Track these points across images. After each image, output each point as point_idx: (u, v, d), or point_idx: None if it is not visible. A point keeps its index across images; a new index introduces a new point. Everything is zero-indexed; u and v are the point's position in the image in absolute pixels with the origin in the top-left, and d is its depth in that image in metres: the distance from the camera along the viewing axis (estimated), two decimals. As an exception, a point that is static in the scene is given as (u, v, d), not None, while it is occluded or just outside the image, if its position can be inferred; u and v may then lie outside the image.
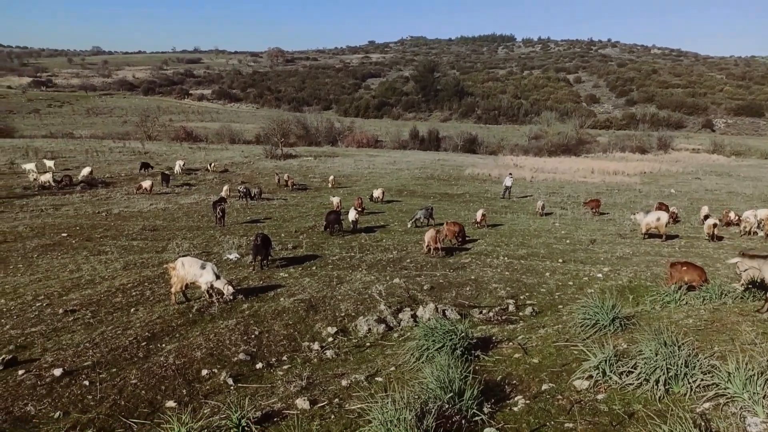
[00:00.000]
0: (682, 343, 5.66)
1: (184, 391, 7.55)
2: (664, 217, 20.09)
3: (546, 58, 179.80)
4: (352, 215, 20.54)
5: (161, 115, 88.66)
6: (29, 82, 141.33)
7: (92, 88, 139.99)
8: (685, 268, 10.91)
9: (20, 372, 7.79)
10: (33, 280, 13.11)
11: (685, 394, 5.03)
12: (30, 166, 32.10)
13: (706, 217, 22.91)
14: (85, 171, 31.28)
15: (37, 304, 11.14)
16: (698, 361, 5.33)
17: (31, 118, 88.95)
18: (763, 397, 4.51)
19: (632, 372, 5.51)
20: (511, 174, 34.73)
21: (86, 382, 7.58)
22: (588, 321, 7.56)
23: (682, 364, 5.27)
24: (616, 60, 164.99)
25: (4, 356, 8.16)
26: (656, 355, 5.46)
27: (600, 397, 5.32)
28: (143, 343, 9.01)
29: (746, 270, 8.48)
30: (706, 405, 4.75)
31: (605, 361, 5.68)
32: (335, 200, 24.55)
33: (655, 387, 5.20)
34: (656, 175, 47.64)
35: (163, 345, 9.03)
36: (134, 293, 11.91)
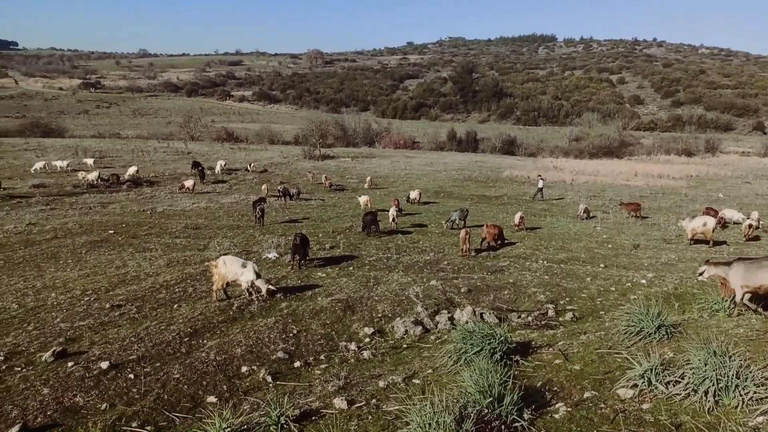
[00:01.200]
0: (733, 354, 5.45)
1: (225, 387, 7.69)
2: (710, 222, 19.39)
3: (588, 58, 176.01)
4: (392, 214, 21.06)
5: (204, 116, 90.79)
6: (79, 84, 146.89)
7: (138, 90, 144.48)
8: None
9: (70, 364, 8.08)
10: (81, 275, 13.61)
11: (737, 407, 4.83)
12: (39, 164, 33.68)
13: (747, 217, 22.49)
14: (132, 170, 32.32)
15: (86, 299, 11.57)
16: (750, 372, 5.11)
17: (80, 118, 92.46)
18: (822, 413, 4.30)
19: (679, 382, 5.34)
20: (540, 175, 34.71)
21: (131, 376, 7.81)
22: (632, 328, 7.35)
23: (733, 375, 5.07)
24: (662, 60, 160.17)
25: (54, 348, 8.49)
26: (705, 365, 5.27)
27: (645, 406, 5.17)
28: (185, 339, 9.23)
29: (710, 276, 8.84)
30: (760, 419, 4.55)
31: (651, 369, 5.51)
32: (362, 199, 25.01)
33: (704, 398, 5.02)
34: (703, 178, 46.06)
35: (205, 341, 9.23)
36: (177, 290, 12.22)
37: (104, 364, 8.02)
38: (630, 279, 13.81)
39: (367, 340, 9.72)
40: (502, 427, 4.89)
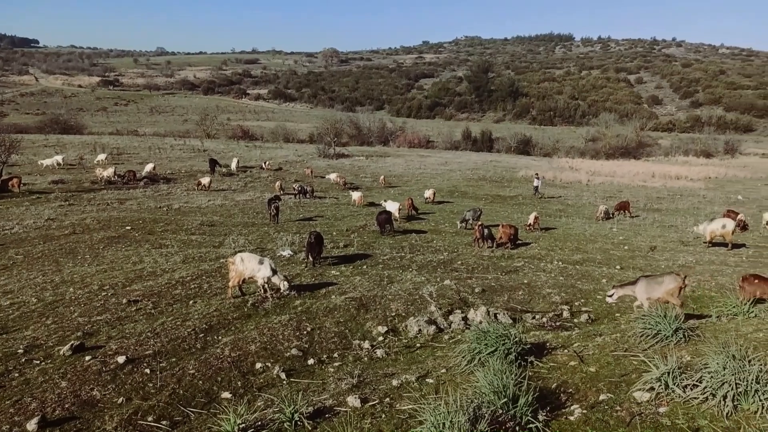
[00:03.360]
0: (753, 358, 5.37)
1: (239, 383, 7.75)
2: (729, 224, 19.15)
3: (606, 57, 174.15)
4: (392, 207, 21.97)
5: (220, 114, 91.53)
6: (98, 82, 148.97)
7: (156, 88, 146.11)
8: (757, 281, 10.44)
9: (87, 358, 8.20)
10: (99, 270, 13.78)
11: (756, 412, 4.76)
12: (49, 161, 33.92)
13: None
14: (149, 167, 32.61)
15: (103, 294, 11.71)
16: (771, 377, 5.03)
17: (99, 115, 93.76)
18: None
19: (697, 386, 5.26)
20: (537, 174, 35.56)
21: (147, 371, 7.90)
22: (648, 331, 7.28)
23: (752, 379, 4.99)
24: (681, 60, 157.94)
25: (72, 342, 8.61)
26: (724, 369, 5.19)
27: (662, 410, 5.11)
28: (201, 335, 9.32)
29: (620, 297, 9.90)
30: (780, 425, 4.48)
31: (668, 373, 5.45)
32: (355, 195, 26.19)
33: (723, 403, 4.94)
34: (722, 180, 45.40)
35: (220, 337, 9.30)
36: (192, 286, 12.33)
37: (121, 359, 8.12)
38: (646, 281, 13.64)
39: (381, 338, 9.73)
40: (517, 428, 4.87)
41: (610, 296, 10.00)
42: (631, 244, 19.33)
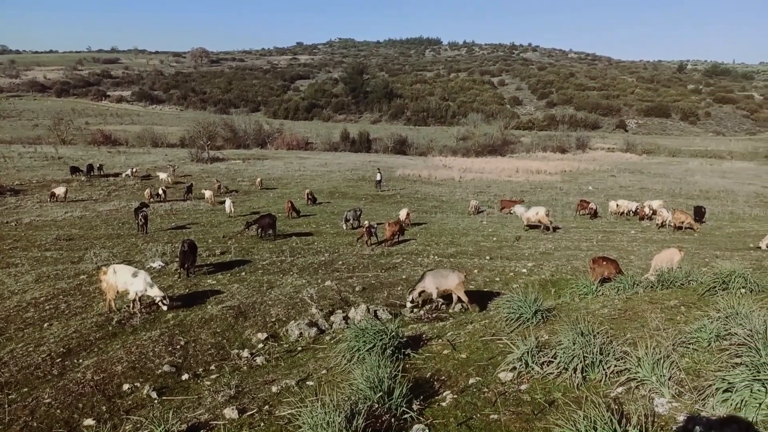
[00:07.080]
0: (598, 332, 5.95)
1: (104, 407, 7.17)
2: (542, 211, 21.91)
3: (471, 61, 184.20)
4: (228, 205, 23.42)
5: (76, 117, 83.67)
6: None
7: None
8: (605, 262, 11.75)
9: None
10: (-70, 297, 12.03)
11: (600, 381, 5.29)
12: None
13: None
14: (-9, 178, 29.09)
15: (-65, 324, 10.25)
16: (612, 348, 5.62)
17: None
18: (669, 379, 4.83)
19: (552, 362, 5.73)
20: (379, 170, 38.99)
21: (-7, 406, 7.05)
22: (513, 315, 7.81)
23: (597, 351, 5.54)
24: (537, 63, 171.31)
25: None
26: (574, 344, 5.71)
27: (523, 387, 5.51)
28: (58, 360, 8.50)
29: (419, 293, 11.15)
30: (619, 389, 5.02)
31: (527, 352, 5.88)
32: (207, 194, 27.86)
33: (573, 375, 5.43)
34: (575, 173, 50.06)
35: (80, 360, 8.55)
36: (47, 307, 11.20)
37: (-41, 396, 7.17)
38: (513, 269, 14.70)
39: (261, 345, 9.52)
40: (392, 419, 4.99)
41: (411, 302, 11.15)
42: (499, 236, 20.69)
